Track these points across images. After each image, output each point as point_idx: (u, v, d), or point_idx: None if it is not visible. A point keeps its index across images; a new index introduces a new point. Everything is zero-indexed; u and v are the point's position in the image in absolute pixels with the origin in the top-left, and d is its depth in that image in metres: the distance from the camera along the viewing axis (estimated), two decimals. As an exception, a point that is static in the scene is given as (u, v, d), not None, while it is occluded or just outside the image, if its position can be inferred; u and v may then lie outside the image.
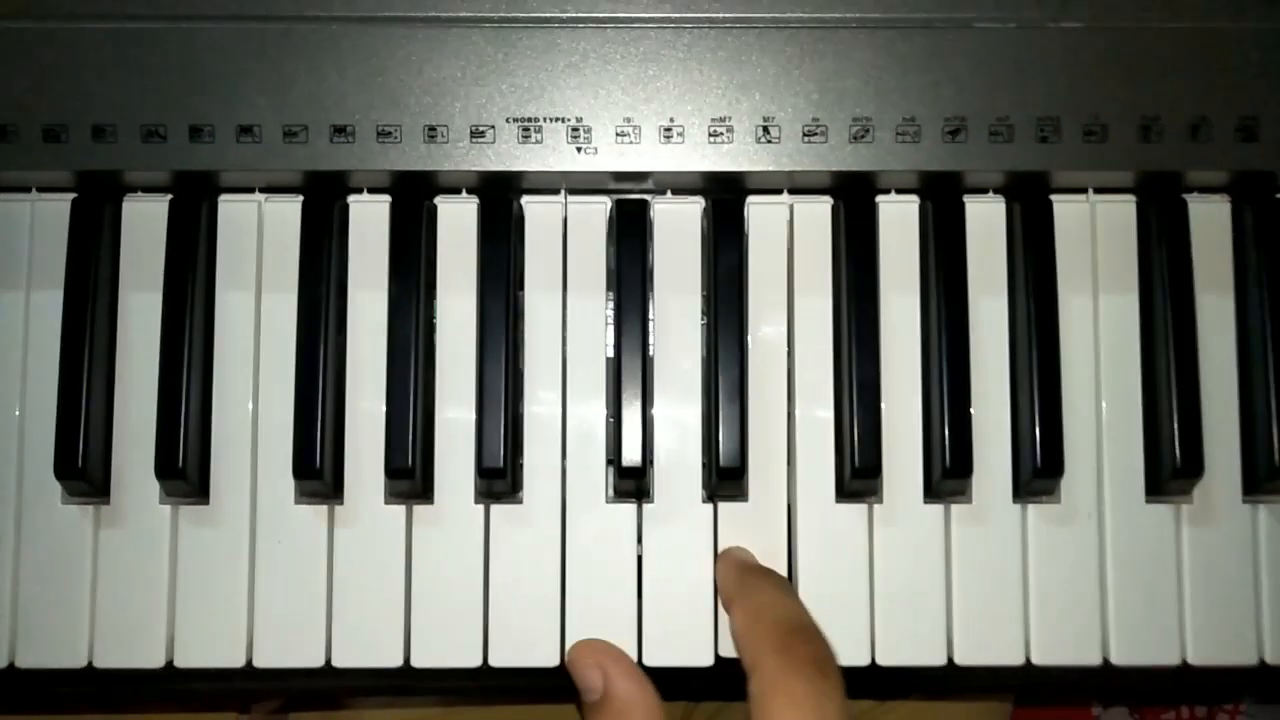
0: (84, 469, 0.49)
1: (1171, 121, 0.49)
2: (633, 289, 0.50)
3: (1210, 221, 0.52)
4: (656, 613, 0.50)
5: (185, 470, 0.49)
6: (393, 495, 0.50)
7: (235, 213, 0.52)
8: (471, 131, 0.49)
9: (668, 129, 0.49)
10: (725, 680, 0.50)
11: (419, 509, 0.50)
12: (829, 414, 0.50)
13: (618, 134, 0.49)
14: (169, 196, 0.51)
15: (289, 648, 0.50)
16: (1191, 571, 0.50)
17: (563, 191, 0.52)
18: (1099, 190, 0.52)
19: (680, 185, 0.51)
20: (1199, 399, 0.49)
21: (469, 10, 0.49)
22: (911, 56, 0.49)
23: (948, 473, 0.49)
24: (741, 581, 0.43)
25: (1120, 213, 0.52)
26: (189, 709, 0.60)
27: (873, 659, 0.49)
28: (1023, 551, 0.50)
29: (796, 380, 0.51)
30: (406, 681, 0.51)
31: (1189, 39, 0.49)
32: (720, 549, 0.50)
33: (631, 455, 0.49)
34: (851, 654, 0.49)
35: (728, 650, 0.49)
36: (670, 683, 0.51)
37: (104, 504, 0.50)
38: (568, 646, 0.49)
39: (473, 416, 0.50)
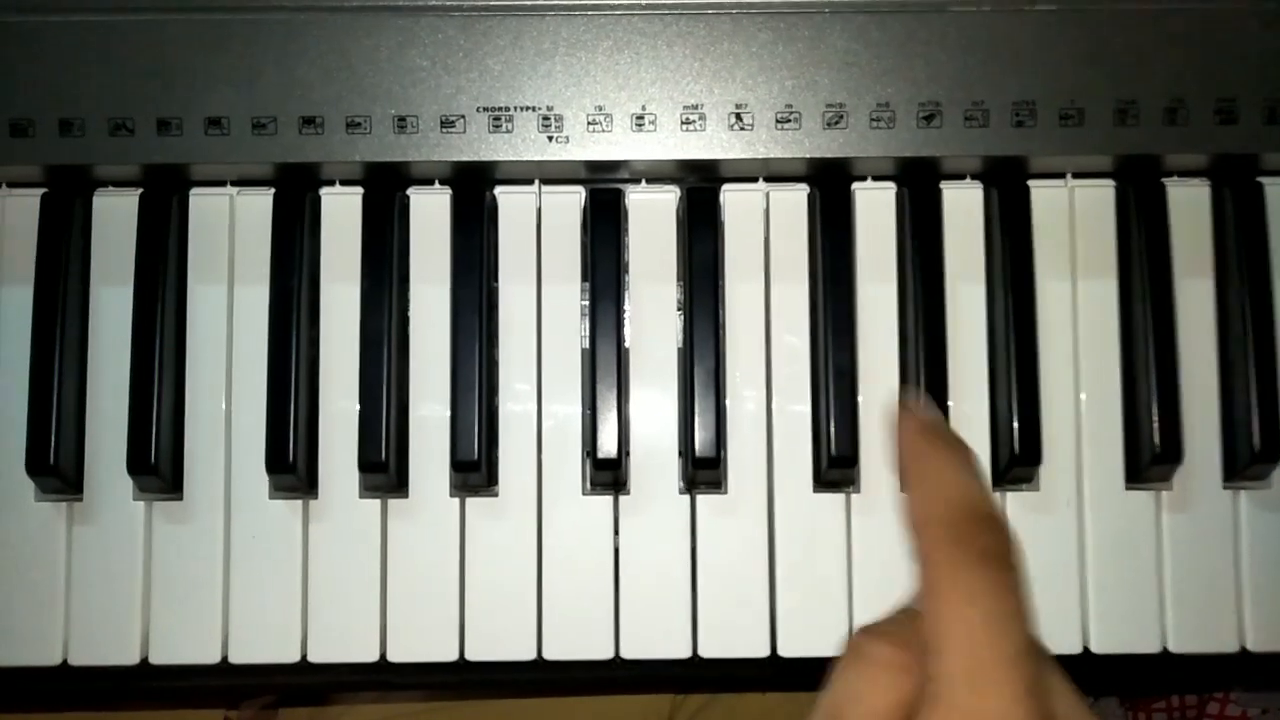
0: (56, 465, 0.49)
1: (1149, 104, 0.48)
2: (607, 279, 0.50)
3: (1189, 205, 0.51)
4: (634, 605, 0.49)
5: (158, 466, 0.49)
6: (367, 489, 0.50)
7: (206, 206, 0.51)
8: (441, 121, 0.48)
9: (639, 117, 0.49)
10: (707, 673, 0.49)
11: (394, 503, 0.50)
12: (805, 403, 0.50)
13: (589, 123, 0.49)
14: (139, 190, 0.51)
15: (264, 644, 0.49)
16: (1172, 559, 0.49)
17: (536, 182, 0.51)
18: (1077, 175, 0.51)
19: (655, 174, 0.51)
20: (1178, 385, 0.49)
21: (438, -1, 0.49)
22: (886, 42, 0.49)
23: (926, 461, 0.49)
24: (918, 449, 0.37)
25: (1098, 197, 0.51)
26: (168, 706, 0.60)
27: (852, 649, 0.49)
28: (1002, 540, 0.50)
29: (773, 369, 0.50)
30: (384, 677, 0.50)
31: (1166, 21, 0.48)
32: (700, 539, 0.49)
33: (607, 447, 0.49)
34: (828, 645, 0.49)
35: (707, 646, 0.49)
36: (650, 675, 0.51)
37: (77, 501, 0.50)
38: (544, 640, 0.49)
39: (447, 410, 0.50)
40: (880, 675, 0.31)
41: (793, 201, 0.51)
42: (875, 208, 0.51)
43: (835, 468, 0.49)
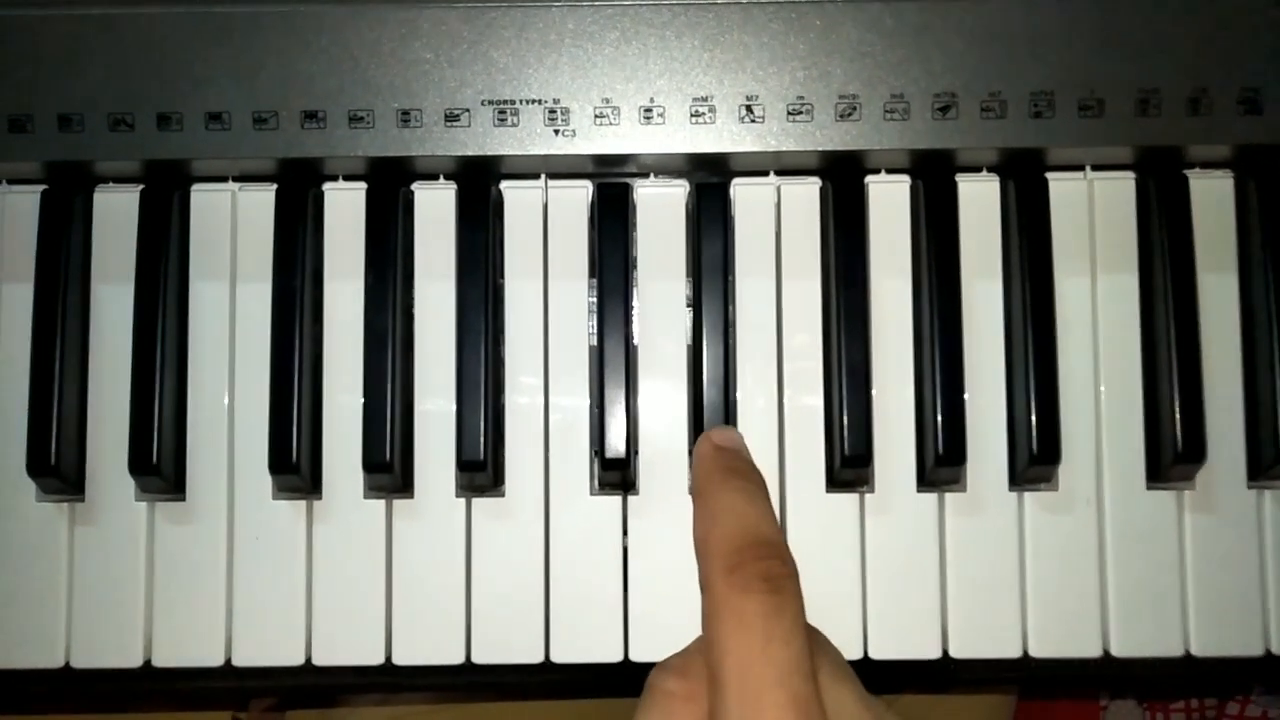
0: (57, 466, 0.48)
1: (1170, 94, 0.47)
2: (615, 275, 0.49)
3: (1212, 198, 0.50)
4: (643, 606, 0.48)
5: (160, 466, 0.48)
6: (372, 490, 0.49)
7: (208, 202, 0.50)
8: (446, 115, 0.47)
9: (648, 110, 0.48)
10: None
11: (399, 503, 0.49)
12: (818, 401, 0.49)
13: (596, 115, 0.48)
14: (140, 187, 0.50)
15: (268, 646, 0.49)
16: (1194, 560, 0.48)
17: (543, 176, 0.50)
18: (1096, 167, 0.50)
19: (663, 168, 0.50)
20: (1201, 382, 0.48)
21: (442, -10, 0.48)
22: (899, 31, 0.47)
23: (941, 460, 0.48)
24: (707, 482, 0.40)
25: (1119, 190, 0.50)
26: (173, 708, 0.59)
27: (865, 653, 0.48)
28: (1019, 541, 0.49)
29: (785, 367, 0.49)
30: (389, 679, 0.50)
31: (1188, 8, 0.47)
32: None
33: (616, 446, 0.48)
34: (843, 648, 0.47)
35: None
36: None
37: (79, 501, 0.49)
38: (552, 643, 0.48)
39: (452, 408, 0.49)
40: (671, 707, 0.33)
41: (805, 195, 0.50)
42: (889, 201, 0.50)
43: (848, 467, 0.48)
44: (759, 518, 0.37)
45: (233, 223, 0.50)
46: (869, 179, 0.50)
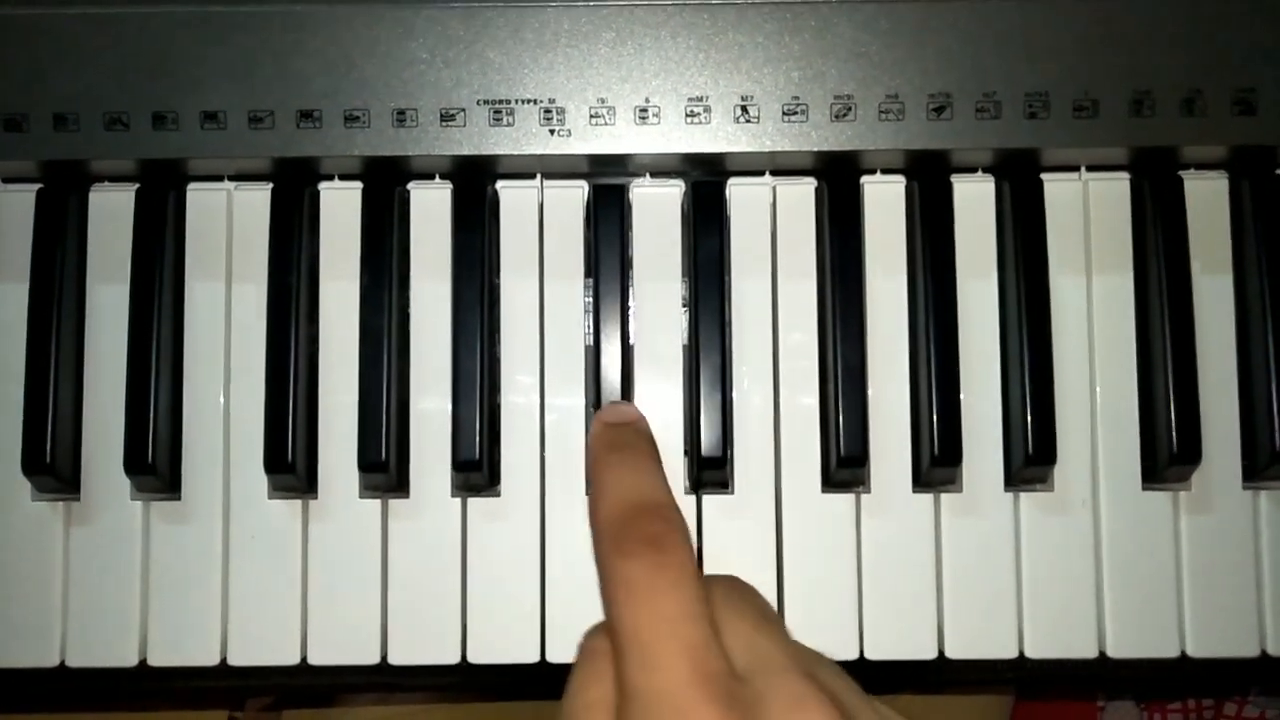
0: (52, 465, 0.48)
1: (1165, 95, 0.47)
2: (611, 275, 0.49)
3: (1207, 199, 0.50)
4: (638, 607, 0.48)
5: (155, 465, 0.48)
6: (367, 489, 0.49)
7: (204, 201, 0.50)
8: (441, 115, 0.47)
9: (643, 110, 0.48)
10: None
11: (394, 503, 0.49)
12: (814, 402, 0.49)
13: (592, 115, 0.48)
14: (135, 186, 0.50)
15: (264, 645, 0.49)
16: (1190, 561, 0.48)
17: (538, 176, 0.50)
18: (1091, 168, 0.50)
19: (659, 168, 0.50)
20: (1196, 383, 0.48)
21: (438, -10, 0.48)
22: (895, 31, 0.47)
23: (937, 461, 0.48)
24: (595, 461, 0.40)
25: (1113, 190, 0.50)
26: (169, 707, 0.59)
27: (861, 653, 0.48)
28: (1015, 542, 0.49)
29: (780, 367, 0.49)
30: (385, 679, 0.50)
31: (1182, 8, 0.47)
32: (705, 540, 0.49)
33: (611, 446, 0.48)
34: (839, 648, 0.48)
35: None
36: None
37: (74, 500, 0.49)
38: (548, 643, 0.48)
39: (448, 408, 0.49)
40: (594, 665, 0.33)
41: (800, 195, 0.50)
42: (884, 202, 0.50)
43: (845, 467, 0.48)
44: (640, 484, 0.37)
45: (228, 222, 0.50)
46: (864, 179, 0.50)
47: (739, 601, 0.34)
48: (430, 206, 0.50)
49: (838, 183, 0.50)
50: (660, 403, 0.49)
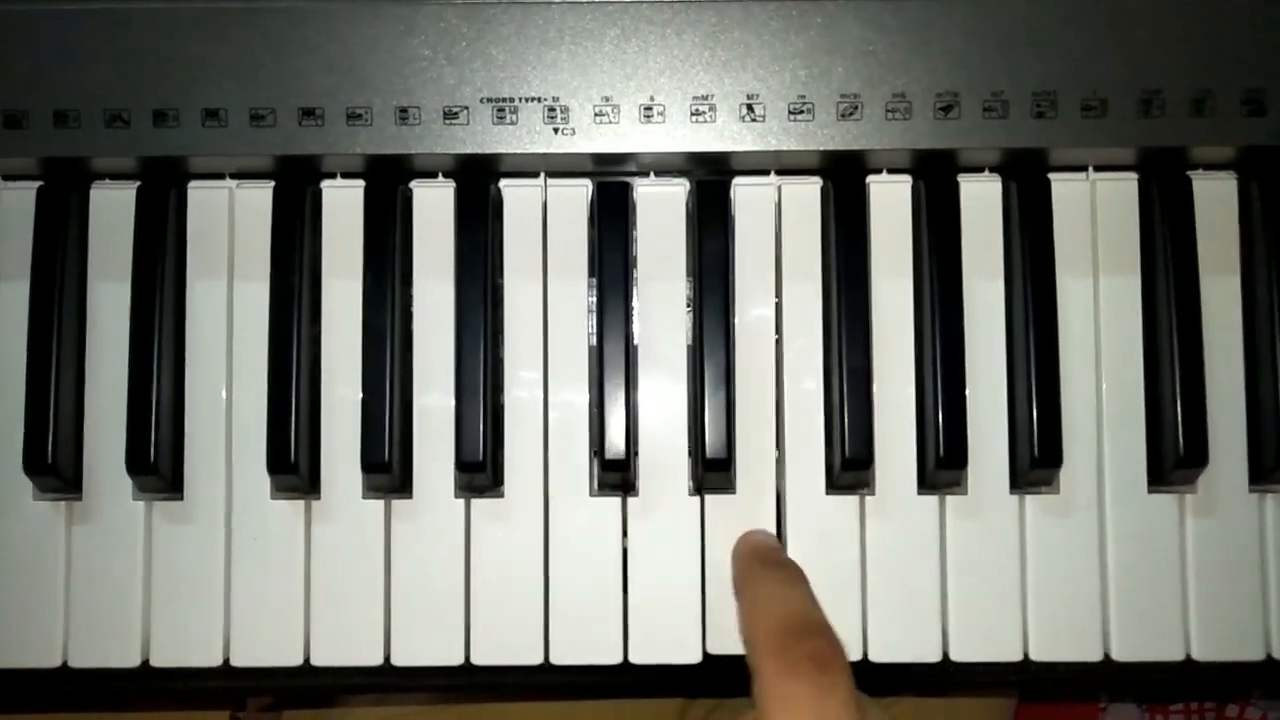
0: (54, 464, 0.48)
1: (1174, 95, 0.47)
2: (615, 274, 0.49)
3: (1216, 199, 0.49)
4: (643, 609, 0.48)
5: (157, 465, 0.48)
6: (370, 490, 0.49)
7: (205, 199, 0.50)
8: (444, 113, 0.47)
9: (648, 108, 0.47)
10: (715, 677, 0.48)
11: (398, 504, 0.49)
12: (818, 403, 0.49)
13: (596, 114, 0.47)
14: (137, 184, 0.50)
15: (266, 646, 0.49)
16: (1195, 564, 0.48)
17: (542, 174, 0.50)
18: (1099, 168, 0.50)
19: (664, 166, 0.50)
20: (1203, 385, 0.47)
21: (441, -13, 0.47)
22: (901, 30, 0.47)
23: (942, 463, 0.47)
24: (748, 574, 0.42)
25: (1121, 191, 0.50)
26: (170, 708, 0.59)
27: (865, 655, 0.48)
28: (1020, 544, 0.48)
29: (785, 368, 0.49)
30: (388, 680, 0.50)
31: (1192, 8, 0.47)
32: (709, 543, 0.48)
33: (615, 447, 0.48)
34: (842, 650, 0.48)
35: (716, 647, 0.48)
36: (659, 680, 0.50)
37: (76, 500, 0.49)
38: (551, 644, 0.48)
39: (451, 408, 0.48)
40: None
41: (806, 195, 0.50)
42: (891, 201, 0.50)
43: (849, 470, 0.48)
44: (802, 602, 0.38)
45: (230, 220, 0.50)
46: (870, 179, 0.50)
47: None
48: (433, 205, 0.50)
49: (843, 182, 0.49)
50: (664, 403, 0.49)
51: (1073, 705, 0.66)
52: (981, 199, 0.50)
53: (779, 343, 0.49)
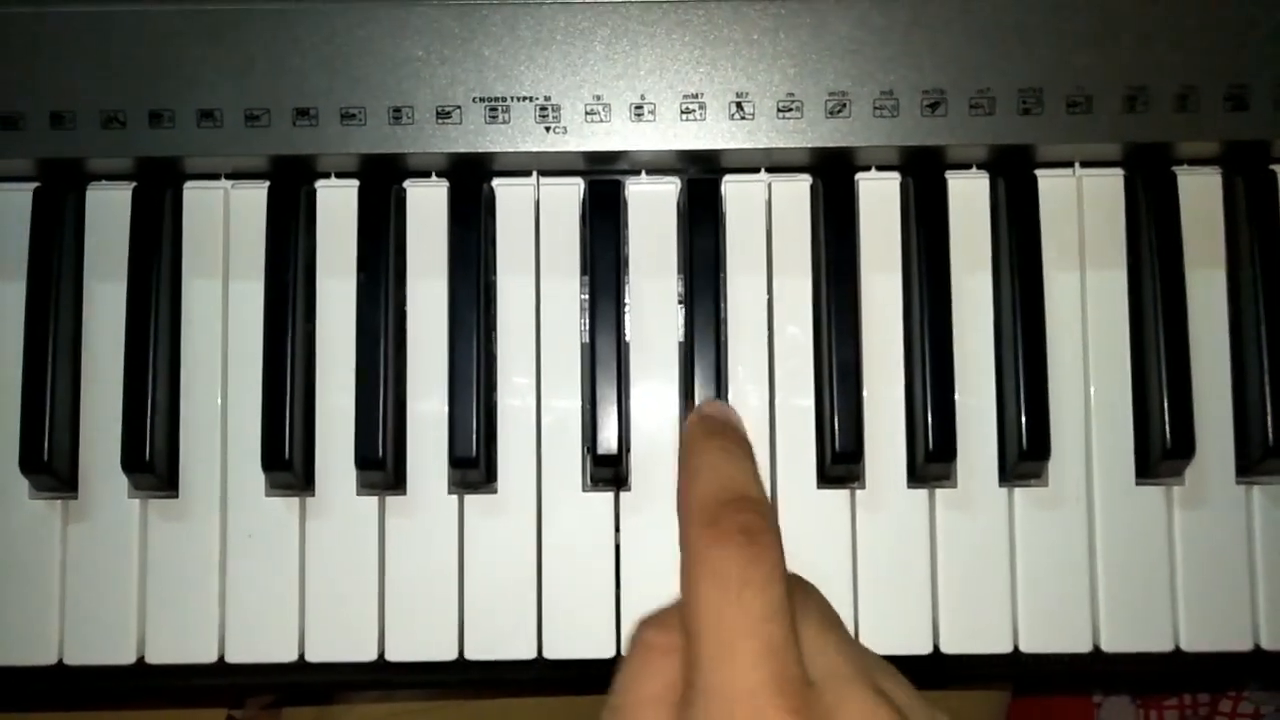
0: (50, 463, 0.48)
1: (1158, 91, 0.47)
2: (607, 272, 0.49)
3: (1201, 194, 0.50)
4: (635, 603, 0.48)
5: (153, 463, 0.48)
6: (364, 487, 0.49)
7: (200, 200, 0.51)
8: (438, 112, 0.48)
9: (638, 107, 0.48)
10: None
11: (391, 500, 0.49)
12: (809, 398, 0.49)
13: (587, 113, 0.48)
14: (132, 184, 0.50)
15: (262, 643, 0.49)
16: (1184, 555, 0.48)
17: (534, 173, 0.50)
18: (1085, 164, 0.50)
19: (655, 165, 0.50)
20: (1190, 378, 0.48)
21: (433, -12, 0.48)
22: (889, 28, 0.48)
23: (931, 456, 0.48)
24: (690, 442, 0.38)
25: (1107, 186, 0.50)
26: (167, 706, 0.59)
27: (857, 648, 0.48)
28: (1010, 536, 0.49)
29: (776, 363, 0.50)
30: (383, 676, 0.50)
31: (1175, 5, 0.47)
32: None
33: (608, 443, 0.48)
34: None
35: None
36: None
37: (72, 498, 0.49)
38: (545, 639, 0.48)
39: (445, 405, 0.49)
40: (650, 659, 0.32)
41: (795, 192, 0.50)
42: (879, 198, 0.50)
43: (840, 463, 0.48)
44: (738, 473, 0.36)
45: (225, 220, 0.50)
46: (859, 176, 0.50)
47: (808, 602, 0.34)
48: (427, 204, 0.50)
49: (833, 179, 0.50)
50: (656, 399, 0.49)
51: (1067, 700, 0.66)
52: (969, 195, 0.50)
53: (770, 338, 0.50)
